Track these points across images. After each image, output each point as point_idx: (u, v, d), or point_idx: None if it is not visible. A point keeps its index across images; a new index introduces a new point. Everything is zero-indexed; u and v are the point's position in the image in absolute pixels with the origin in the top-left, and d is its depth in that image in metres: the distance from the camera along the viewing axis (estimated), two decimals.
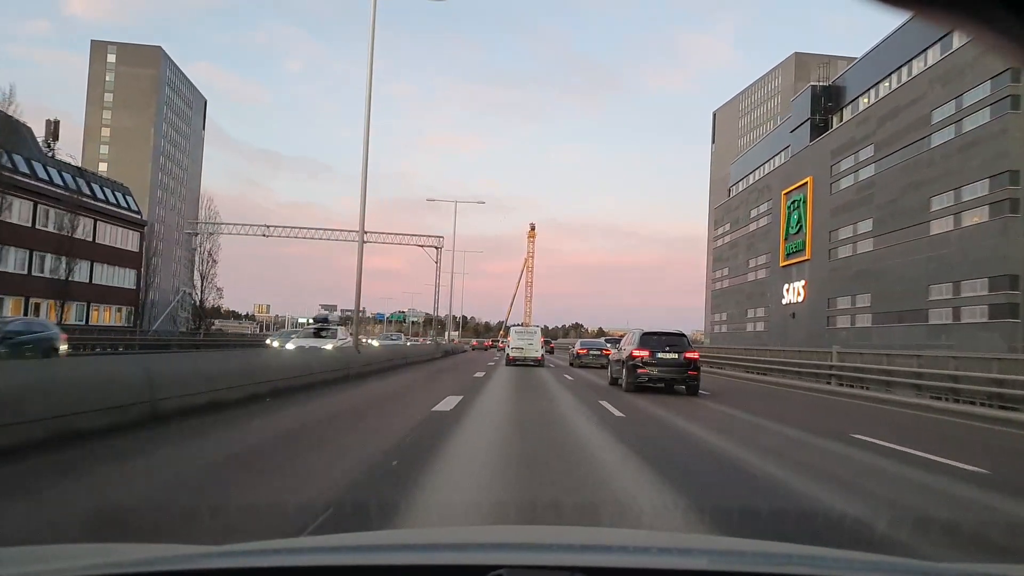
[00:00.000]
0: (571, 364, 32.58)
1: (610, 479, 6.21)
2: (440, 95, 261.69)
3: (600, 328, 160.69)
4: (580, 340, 39.68)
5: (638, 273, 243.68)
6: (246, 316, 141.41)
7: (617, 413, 11.80)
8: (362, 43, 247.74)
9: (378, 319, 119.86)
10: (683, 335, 18.43)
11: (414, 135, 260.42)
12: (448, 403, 11.91)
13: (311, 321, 40.10)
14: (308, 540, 1.81)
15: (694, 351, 17.55)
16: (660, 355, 17.03)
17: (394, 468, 6.10)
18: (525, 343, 29.60)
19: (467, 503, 5.02)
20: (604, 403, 13.44)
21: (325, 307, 65.21)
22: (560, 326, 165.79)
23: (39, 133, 47.60)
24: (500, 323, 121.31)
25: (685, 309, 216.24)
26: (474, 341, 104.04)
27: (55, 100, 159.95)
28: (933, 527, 4.95)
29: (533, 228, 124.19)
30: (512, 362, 28.89)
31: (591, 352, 32.49)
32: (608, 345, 32.78)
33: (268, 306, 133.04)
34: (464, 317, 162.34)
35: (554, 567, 1.32)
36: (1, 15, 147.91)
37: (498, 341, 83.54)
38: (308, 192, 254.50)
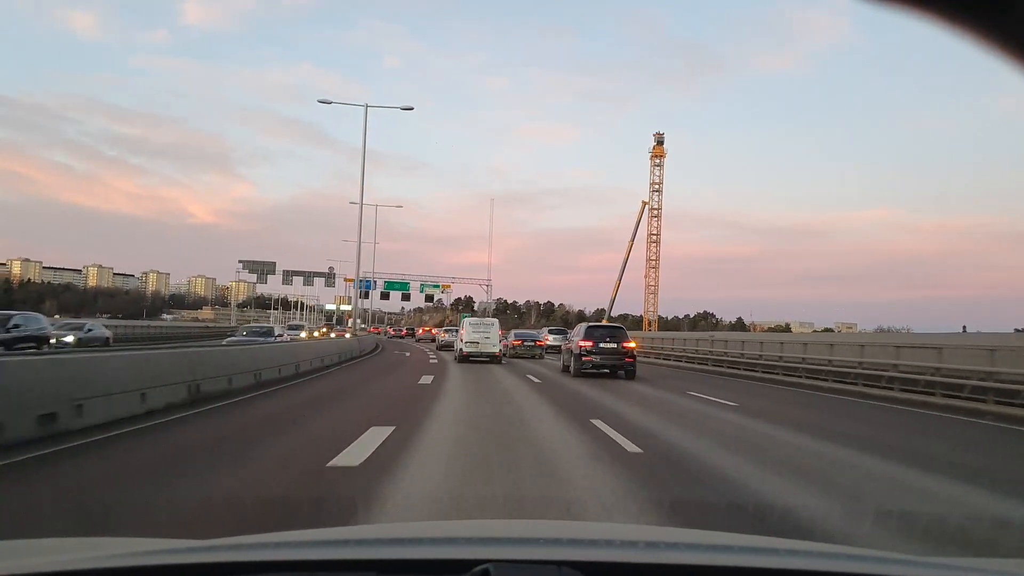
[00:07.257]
0: (505, 354, 32.14)
1: None
2: (532, 86, 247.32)
3: (739, 318, 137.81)
4: (515, 331, 39.91)
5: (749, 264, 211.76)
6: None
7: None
8: (459, 38, 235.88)
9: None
10: (622, 328, 21.74)
11: (506, 129, 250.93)
12: None
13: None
14: (293, 534, 1.80)
15: (631, 341, 20.50)
16: (602, 345, 19.66)
17: None
18: (481, 336, 27.35)
19: None
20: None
21: None
22: (685, 316, 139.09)
23: None
24: (600, 310, 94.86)
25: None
26: (374, 327, 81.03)
27: None
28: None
29: (660, 142, 76.16)
30: (465, 358, 26.84)
31: (525, 343, 34.06)
32: (544, 336, 35.63)
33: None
34: (551, 304, 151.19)
35: (541, 561, 1.31)
36: None
37: (457, 331, 37.99)
38: (405, 188, 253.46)
